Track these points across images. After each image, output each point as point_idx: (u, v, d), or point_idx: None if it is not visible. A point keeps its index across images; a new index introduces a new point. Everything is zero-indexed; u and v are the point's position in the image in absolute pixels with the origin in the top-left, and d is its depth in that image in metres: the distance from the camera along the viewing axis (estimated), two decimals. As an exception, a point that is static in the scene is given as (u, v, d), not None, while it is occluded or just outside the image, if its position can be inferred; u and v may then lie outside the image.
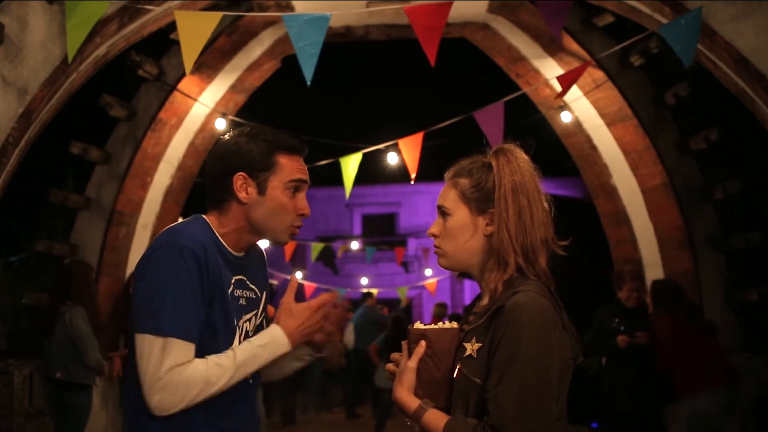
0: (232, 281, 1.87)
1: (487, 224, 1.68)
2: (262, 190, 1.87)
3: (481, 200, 1.68)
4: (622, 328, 4.98)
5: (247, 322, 1.92)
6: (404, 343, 1.71)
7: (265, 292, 2.02)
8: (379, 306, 10.83)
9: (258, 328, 1.98)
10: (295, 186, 1.90)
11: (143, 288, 1.76)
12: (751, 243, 5.70)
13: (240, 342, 1.87)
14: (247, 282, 1.94)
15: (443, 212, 1.73)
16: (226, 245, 1.88)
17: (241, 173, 1.87)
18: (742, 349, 5.67)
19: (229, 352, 1.78)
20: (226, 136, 1.97)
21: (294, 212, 1.91)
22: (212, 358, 1.76)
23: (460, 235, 1.70)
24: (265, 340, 1.82)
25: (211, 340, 1.79)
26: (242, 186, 1.87)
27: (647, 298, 5.09)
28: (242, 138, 1.91)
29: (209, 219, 1.91)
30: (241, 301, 1.90)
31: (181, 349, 1.71)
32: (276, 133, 1.93)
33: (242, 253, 1.94)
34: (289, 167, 1.90)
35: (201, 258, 1.75)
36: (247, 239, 1.92)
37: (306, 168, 1.95)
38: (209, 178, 1.93)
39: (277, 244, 2.00)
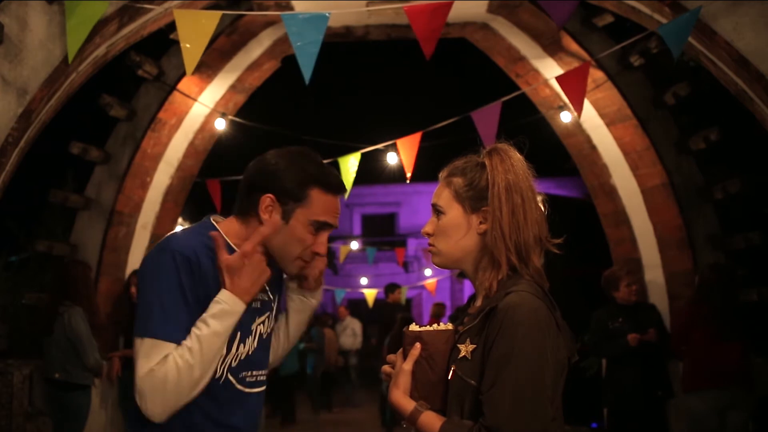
0: None
1: (480, 222, 1.68)
2: (286, 218, 1.82)
3: (474, 199, 1.69)
4: (627, 327, 4.95)
5: (261, 325, 1.90)
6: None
7: (278, 296, 2.00)
8: (400, 315, 10.74)
9: (270, 334, 1.96)
10: (320, 225, 1.85)
11: (138, 294, 1.79)
12: (751, 243, 5.69)
13: (254, 344, 1.87)
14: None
15: (437, 211, 1.74)
16: (237, 249, 1.86)
17: (270, 195, 1.82)
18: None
19: (189, 335, 1.71)
20: (272, 153, 1.89)
21: (309, 249, 1.85)
22: (177, 348, 1.71)
23: (454, 233, 1.70)
24: (215, 310, 1.73)
25: None
26: (268, 208, 1.82)
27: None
28: (283, 160, 1.84)
29: (223, 224, 1.89)
30: (253, 304, 1.86)
31: (163, 350, 1.69)
32: (320, 165, 1.87)
33: None
34: (320, 205, 1.83)
35: (193, 262, 1.74)
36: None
37: (338, 210, 1.89)
38: (242, 187, 1.89)
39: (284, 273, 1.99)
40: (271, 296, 1.96)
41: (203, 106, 6.63)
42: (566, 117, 6.51)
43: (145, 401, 1.68)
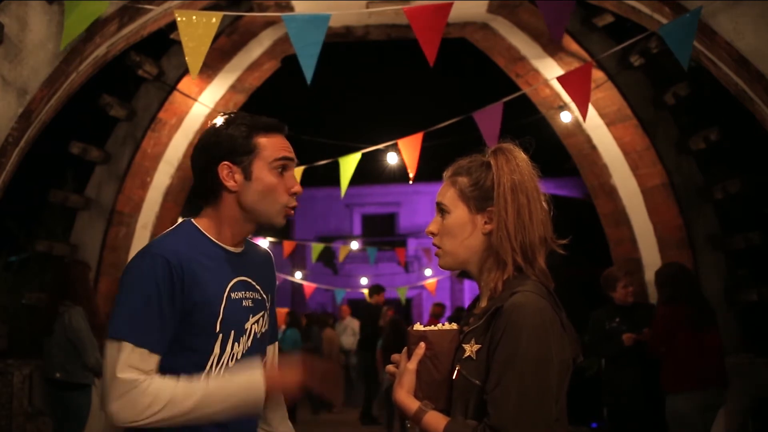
0: (231, 284, 1.84)
1: (485, 222, 1.67)
2: (248, 175, 1.84)
3: (479, 198, 1.68)
4: (624, 327, 4.97)
5: (255, 324, 1.89)
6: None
7: (270, 295, 1.99)
8: (386, 307, 10.76)
9: (265, 334, 1.95)
10: (282, 165, 1.87)
11: (117, 295, 1.78)
12: (751, 243, 5.70)
13: (249, 344, 1.86)
14: (252, 283, 1.91)
15: (442, 210, 1.73)
16: (220, 243, 1.86)
17: (225, 162, 1.84)
18: (742, 349, 5.67)
19: (202, 378, 1.75)
20: (203, 132, 1.94)
21: (285, 192, 1.87)
22: (183, 378, 1.73)
23: (459, 233, 1.69)
24: (242, 381, 1.78)
25: (184, 352, 1.77)
26: (228, 174, 1.84)
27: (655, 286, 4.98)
28: (220, 126, 1.88)
29: (200, 221, 1.89)
30: (245, 303, 1.86)
31: (137, 354, 1.69)
32: (253, 116, 1.91)
33: (240, 249, 1.91)
34: (271, 147, 1.86)
35: (175, 266, 1.74)
36: (244, 229, 1.89)
37: (290, 145, 1.92)
38: (196, 173, 1.90)
39: (273, 227, 1.97)
40: (264, 296, 1.95)
41: (203, 106, 6.63)
42: (566, 117, 6.51)
43: (117, 403, 1.67)
